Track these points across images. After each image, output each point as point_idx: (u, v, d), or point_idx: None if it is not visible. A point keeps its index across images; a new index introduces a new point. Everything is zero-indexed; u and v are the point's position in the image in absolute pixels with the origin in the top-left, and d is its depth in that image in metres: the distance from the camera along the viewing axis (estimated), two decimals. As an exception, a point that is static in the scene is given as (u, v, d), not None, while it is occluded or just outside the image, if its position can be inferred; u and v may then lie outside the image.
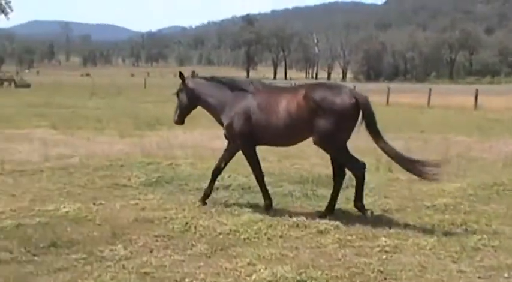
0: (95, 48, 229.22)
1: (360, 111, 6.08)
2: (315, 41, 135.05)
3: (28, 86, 55.20)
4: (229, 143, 6.85)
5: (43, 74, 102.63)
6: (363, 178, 6.32)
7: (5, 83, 51.74)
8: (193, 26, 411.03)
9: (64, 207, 6.57)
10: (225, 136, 6.81)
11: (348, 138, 6.25)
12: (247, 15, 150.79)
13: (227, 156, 6.88)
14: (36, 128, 15.39)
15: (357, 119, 6.11)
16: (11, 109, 21.90)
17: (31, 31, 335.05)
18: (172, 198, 7.22)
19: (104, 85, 50.05)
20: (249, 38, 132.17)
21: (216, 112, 6.83)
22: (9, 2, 75.13)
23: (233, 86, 6.79)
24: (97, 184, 8.05)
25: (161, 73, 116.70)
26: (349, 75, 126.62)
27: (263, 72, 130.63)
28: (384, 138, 6.21)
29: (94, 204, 6.84)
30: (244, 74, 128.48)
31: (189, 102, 7.05)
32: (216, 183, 7.98)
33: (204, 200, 6.87)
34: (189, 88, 7.00)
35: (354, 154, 6.37)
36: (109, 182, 8.21)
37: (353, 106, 6.02)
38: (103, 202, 6.95)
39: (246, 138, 6.56)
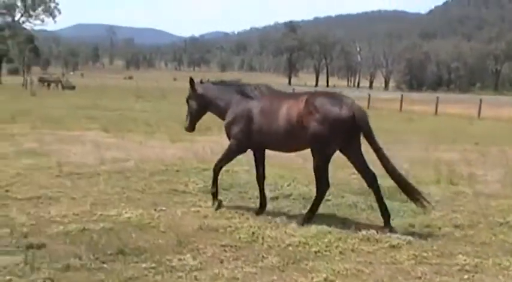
0: (138, 52, 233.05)
1: (357, 125, 6.11)
2: (358, 49, 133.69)
3: (73, 88, 56.38)
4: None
5: (87, 77, 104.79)
6: (322, 197, 6.39)
7: (52, 85, 52.94)
8: (236, 32, 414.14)
9: (126, 212, 6.47)
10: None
11: (335, 149, 6.28)
12: (290, 22, 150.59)
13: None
14: (87, 130, 15.52)
15: (351, 132, 6.14)
16: (60, 110, 22.22)
17: (76, 34, 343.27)
18: (234, 206, 7.05)
19: (148, 88, 50.78)
20: (292, 45, 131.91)
21: (223, 114, 6.95)
22: (58, 5, 76.82)
23: (239, 89, 6.92)
24: (155, 189, 7.94)
25: (205, 77, 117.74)
26: (391, 84, 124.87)
27: (304, 80, 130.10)
28: (385, 153, 6.21)
29: (155, 210, 6.72)
30: (286, 80, 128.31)
31: (199, 108, 7.22)
32: (276, 192, 7.84)
33: (215, 200, 6.98)
34: (198, 94, 7.15)
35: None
36: (167, 187, 8.10)
37: (350, 118, 6.06)
38: (164, 208, 6.82)
39: (239, 140, 6.72)
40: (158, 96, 38.51)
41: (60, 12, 77.21)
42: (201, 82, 7.41)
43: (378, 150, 6.18)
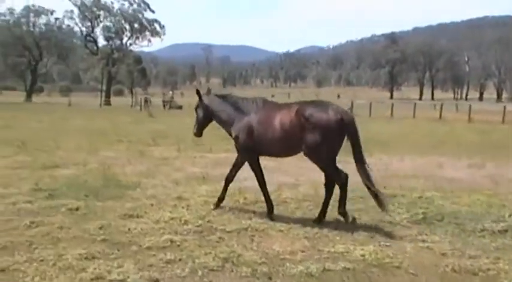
0: (234, 69, 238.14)
1: (345, 129, 6.71)
2: (466, 58, 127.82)
3: (180, 107, 58.03)
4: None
5: (187, 96, 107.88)
6: (346, 187, 7.02)
7: (166, 105, 54.85)
8: (331, 46, 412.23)
9: (354, 248, 5.95)
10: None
11: (334, 152, 6.90)
12: (392, 33, 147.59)
13: (237, 165, 7.77)
14: (230, 152, 15.34)
15: (342, 135, 6.76)
16: (186, 131, 22.49)
17: (172, 54, 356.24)
18: (465, 242, 6.35)
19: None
20: (393, 57, 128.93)
21: (226, 126, 7.77)
22: (163, 27, 79.89)
23: (240, 103, 7.67)
24: (359, 219, 7.39)
25: (302, 94, 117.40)
26: (505, 95, 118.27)
27: (407, 93, 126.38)
28: (365, 160, 6.85)
29: (379, 245, 6.16)
30: (387, 95, 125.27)
31: (204, 117, 8.07)
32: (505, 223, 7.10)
33: (218, 206, 7.84)
34: (204, 104, 8.01)
35: None
36: (368, 217, 7.53)
37: (338, 123, 6.67)
38: (387, 243, 6.25)
39: (248, 150, 7.47)
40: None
41: (165, 33, 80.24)
42: (208, 91, 8.00)
43: (358, 152, 6.81)
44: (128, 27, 79.85)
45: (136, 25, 79.32)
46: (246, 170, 7.80)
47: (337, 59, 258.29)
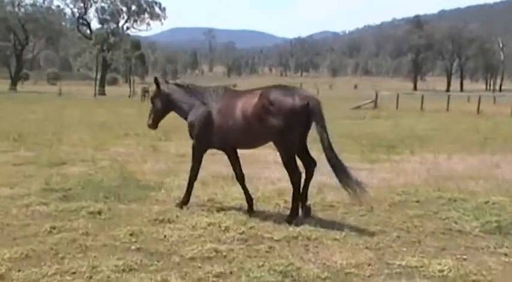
0: (239, 57, 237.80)
1: (311, 113, 6.90)
2: (500, 45, 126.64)
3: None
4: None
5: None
6: (299, 185, 7.26)
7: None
8: (347, 31, 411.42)
9: (439, 264, 5.72)
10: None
11: (297, 141, 7.10)
12: (416, 16, 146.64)
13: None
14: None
15: (307, 121, 6.95)
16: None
17: (172, 39, 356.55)
18: None
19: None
20: (417, 44, 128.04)
21: (186, 115, 7.97)
22: (165, 9, 79.74)
23: (200, 91, 7.93)
24: (423, 227, 7.17)
25: (315, 84, 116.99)
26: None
27: (433, 84, 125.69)
28: (332, 145, 6.99)
29: (456, 258, 5.93)
30: (410, 85, 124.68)
31: (164, 107, 8.29)
32: None
33: (184, 204, 7.89)
34: (164, 93, 8.19)
35: None
36: (430, 225, 7.31)
37: (303, 108, 6.87)
38: (463, 256, 6.03)
39: (200, 140, 7.76)
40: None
41: (166, 17, 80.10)
42: (166, 82, 8.41)
43: (324, 138, 6.93)
44: (124, 9, 79.86)
45: (134, 7, 79.41)
46: (278, 170, 7.54)
47: (353, 46, 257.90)
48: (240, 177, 7.93)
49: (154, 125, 8.52)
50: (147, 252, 5.93)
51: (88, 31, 79.88)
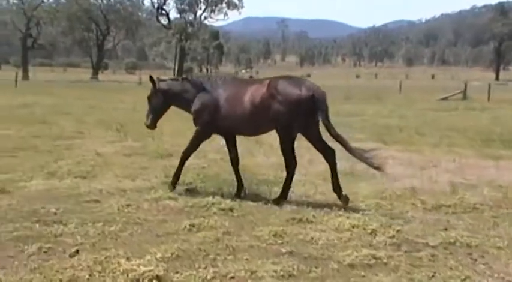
0: (312, 46, 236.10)
1: (316, 104, 7.21)
2: None
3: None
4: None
5: (262, 75, 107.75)
6: (292, 176, 7.74)
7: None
8: (423, 20, 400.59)
9: None
10: None
11: (296, 130, 7.46)
12: (500, 3, 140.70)
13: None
14: (359, 142, 14.58)
15: (312, 112, 7.24)
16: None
17: (245, 29, 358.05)
18: None
19: (343, 88, 49.77)
20: (501, 32, 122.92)
21: (189, 106, 8.10)
22: (242, -4, 79.47)
23: (202, 81, 8.16)
24: None
25: (390, 73, 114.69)
26: None
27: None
28: (337, 132, 7.31)
29: None
30: (491, 75, 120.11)
31: (162, 104, 8.40)
32: None
33: (173, 184, 8.17)
34: (162, 90, 8.32)
35: None
36: None
37: (309, 98, 7.20)
38: None
39: (205, 126, 7.98)
40: (368, 98, 37.22)
41: (243, 6, 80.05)
42: (161, 80, 8.49)
43: (329, 126, 7.28)
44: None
45: (212, -5, 79.55)
46: (396, 167, 6.99)
47: (430, 35, 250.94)
48: (235, 162, 8.26)
49: (153, 124, 8.54)
50: (300, 257, 5.53)
51: (167, 21, 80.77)
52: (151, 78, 8.42)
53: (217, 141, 10.96)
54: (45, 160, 10.28)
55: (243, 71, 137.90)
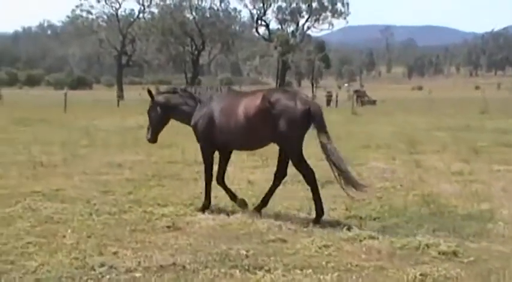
0: (421, 55, 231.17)
1: (311, 118, 7.60)
2: None
3: (374, 102, 56.72)
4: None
5: (367, 89, 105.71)
6: (316, 184, 7.92)
7: (358, 101, 53.39)
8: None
9: None
10: None
11: (301, 141, 7.84)
12: None
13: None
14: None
15: (307, 124, 7.67)
16: (419, 132, 21.04)
17: (344, 38, 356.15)
18: None
19: (463, 101, 47.73)
20: None
21: (189, 119, 8.48)
22: (348, 4, 78.85)
23: (200, 93, 8.54)
24: None
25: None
26: None
27: None
28: (334, 146, 7.69)
29: None
30: None
31: (162, 117, 8.82)
32: None
33: (204, 209, 8.39)
34: (160, 103, 8.75)
35: None
36: None
37: (305, 111, 7.58)
38: None
39: (207, 140, 8.33)
40: (509, 111, 35.25)
41: (349, 13, 79.28)
42: (159, 93, 9.01)
43: (325, 144, 7.58)
44: (304, 7, 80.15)
45: (315, 4, 79.32)
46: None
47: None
48: (221, 178, 8.53)
49: (153, 138, 8.98)
50: None
51: (267, 33, 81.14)
52: (148, 91, 8.91)
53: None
54: (198, 190, 9.88)
55: (345, 85, 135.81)
